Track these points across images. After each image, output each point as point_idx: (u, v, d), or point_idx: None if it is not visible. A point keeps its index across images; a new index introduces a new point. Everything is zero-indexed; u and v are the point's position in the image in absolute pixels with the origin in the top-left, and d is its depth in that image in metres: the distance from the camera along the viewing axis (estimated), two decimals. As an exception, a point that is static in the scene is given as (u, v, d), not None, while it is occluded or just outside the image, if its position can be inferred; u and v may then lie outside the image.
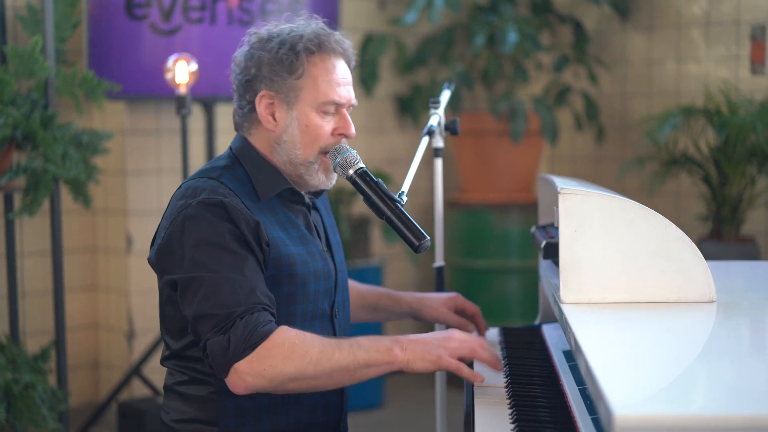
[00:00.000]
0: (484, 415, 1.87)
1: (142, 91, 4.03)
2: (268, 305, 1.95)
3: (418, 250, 2.00)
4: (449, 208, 4.99)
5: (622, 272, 1.97)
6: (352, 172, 2.05)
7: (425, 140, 2.44)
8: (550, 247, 2.25)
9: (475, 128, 4.84)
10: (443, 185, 2.65)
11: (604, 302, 1.97)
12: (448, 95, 2.64)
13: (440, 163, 2.59)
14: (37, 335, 4.06)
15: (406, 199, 2.05)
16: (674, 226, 1.98)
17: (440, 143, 2.56)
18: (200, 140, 4.35)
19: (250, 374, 1.89)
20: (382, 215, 2.03)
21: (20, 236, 3.92)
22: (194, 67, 3.69)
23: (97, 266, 4.42)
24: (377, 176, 2.80)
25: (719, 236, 4.14)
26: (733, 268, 2.64)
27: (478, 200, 4.94)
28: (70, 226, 4.21)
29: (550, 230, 2.45)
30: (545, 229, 2.50)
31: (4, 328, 3.64)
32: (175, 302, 2.04)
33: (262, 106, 2.09)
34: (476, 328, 2.46)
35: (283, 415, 2.07)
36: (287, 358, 1.89)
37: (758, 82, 4.34)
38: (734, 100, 4.17)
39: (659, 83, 4.74)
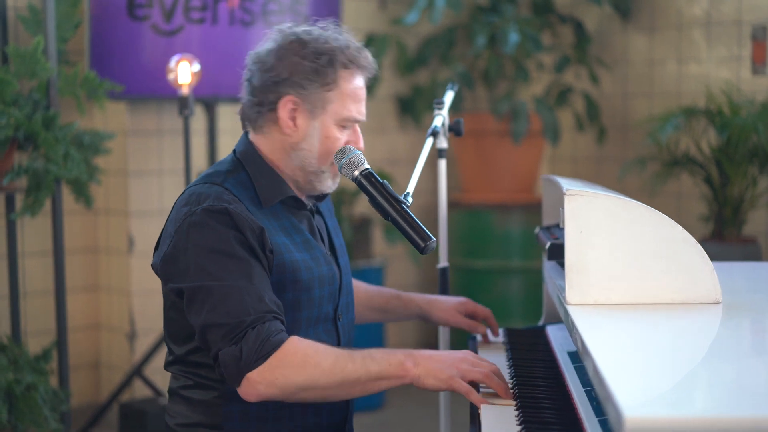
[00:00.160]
0: (489, 415, 1.86)
1: (143, 91, 4.03)
2: (277, 313, 1.94)
3: (424, 251, 2.00)
4: (450, 208, 4.98)
5: (628, 273, 1.97)
6: (357, 173, 2.05)
7: (430, 141, 2.44)
8: (554, 248, 2.25)
9: (476, 128, 4.84)
10: (439, 187, 2.64)
11: (609, 303, 1.97)
12: (451, 96, 2.64)
13: (444, 163, 2.59)
14: (38, 336, 4.05)
15: (411, 200, 2.05)
16: (680, 227, 1.98)
17: (444, 144, 2.56)
18: (201, 141, 4.34)
19: (262, 383, 1.88)
20: (387, 216, 2.02)
21: (22, 237, 3.91)
22: (197, 67, 3.69)
23: (98, 267, 4.42)
24: (379, 177, 2.78)
25: (721, 237, 4.14)
26: (735, 269, 2.63)
27: (478, 200, 4.93)
28: (71, 226, 4.20)
29: (554, 231, 2.44)
30: (549, 230, 2.50)
31: (5, 328, 3.63)
32: (179, 308, 2.03)
33: (285, 110, 2.07)
34: (489, 329, 2.46)
35: (288, 418, 2.06)
36: (300, 368, 1.88)
37: (759, 82, 4.34)
38: (736, 100, 4.17)
39: (660, 84, 4.74)
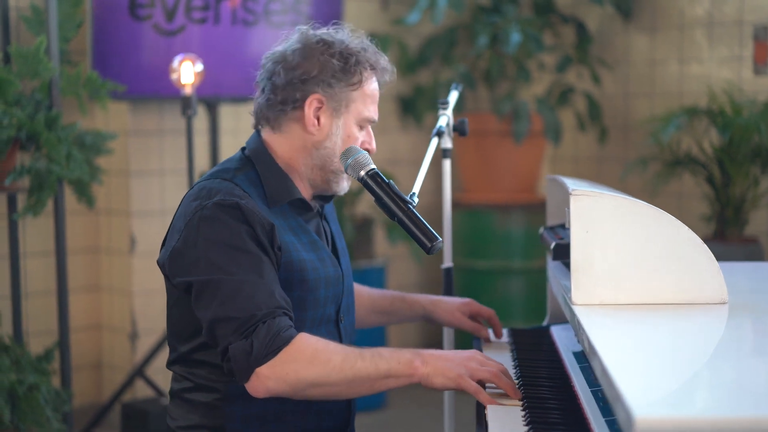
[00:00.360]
0: (496, 416, 1.86)
1: (145, 91, 4.02)
2: (287, 309, 1.94)
3: (430, 251, 1.99)
4: (451, 208, 4.97)
5: (633, 273, 1.97)
6: (363, 173, 2.05)
7: (434, 141, 2.44)
8: (559, 248, 2.25)
9: (477, 128, 4.83)
10: (443, 187, 2.64)
11: (615, 304, 1.97)
12: (456, 96, 2.64)
13: (449, 163, 2.59)
14: (40, 336, 4.05)
15: (417, 200, 2.05)
16: (686, 227, 1.98)
17: (449, 144, 2.56)
18: (203, 141, 4.34)
19: (271, 378, 1.88)
20: (393, 216, 2.02)
21: (24, 237, 3.90)
22: (200, 67, 3.68)
23: (100, 267, 4.41)
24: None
25: (722, 237, 4.14)
26: (737, 269, 2.63)
27: (480, 201, 4.93)
28: (73, 226, 4.20)
29: (558, 231, 2.44)
30: (554, 230, 2.50)
31: (7, 328, 3.63)
32: (183, 305, 2.02)
33: (311, 108, 2.08)
34: (492, 330, 2.46)
35: (290, 420, 2.06)
36: (310, 363, 1.88)
37: (761, 82, 4.34)
38: (737, 100, 4.17)
39: (662, 84, 4.74)
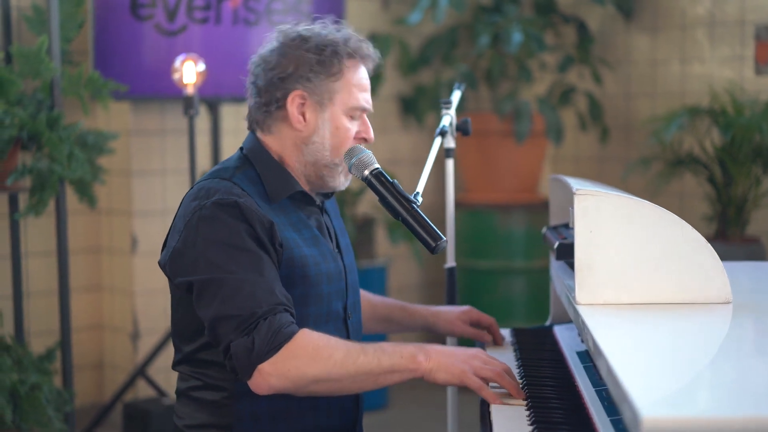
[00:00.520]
0: (500, 415, 1.86)
1: (146, 91, 4.02)
2: (288, 306, 1.94)
3: (434, 251, 1.99)
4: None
5: (637, 273, 1.96)
6: (367, 172, 2.05)
7: (438, 140, 2.44)
8: (563, 248, 2.25)
9: (478, 128, 4.80)
10: (446, 186, 2.64)
11: (619, 303, 1.97)
12: (459, 95, 2.63)
13: (452, 163, 2.59)
14: (42, 336, 4.05)
15: (421, 199, 2.05)
16: (690, 227, 1.98)
17: (452, 144, 2.55)
18: (205, 141, 4.34)
19: (274, 375, 1.88)
20: (398, 216, 2.02)
21: (25, 237, 3.90)
22: (202, 67, 3.68)
23: (101, 267, 4.41)
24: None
25: (724, 237, 4.14)
26: (739, 269, 2.63)
27: (481, 201, 4.93)
28: (74, 226, 4.19)
29: (562, 231, 2.44)
30: (557, 229, 2.50)
31: (9, 328, 3.62)
32: (186, 305, 2.02)
33: (294, 105, 2.08)
34: (493, 339, 2.45)
35: (298, 418, 2.05)
36: (312, 359, 1.88)
37: (763, 82, 4.34)
38: (739, 100, 4.17)
39: (663, 84, 4.74)
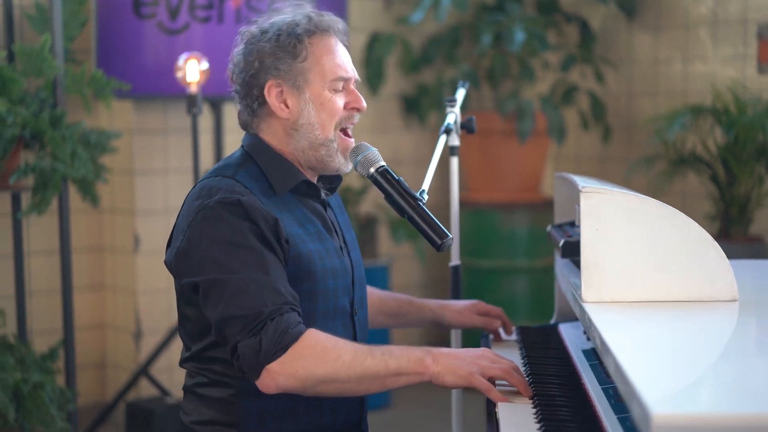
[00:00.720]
0: (507, 413, 1.85)
1: (149, 90, 4.02)
2: (294, 304, 1.93)
3: (440, 248, 1.99)
4: (456, 206, 4.98)
5: (644, 271, 1.96)
6: (373, 170, 2.04)
7: (443, 138, 2.44)
8: (568, 245, 2.25)
9: (481, 127, 4.76)
10: (451, 184, 2.64)
11: (626, 301, 1.96)
12: (463, 93, 2.63)
13: (456, 161, 2.58)
14: (44, 335, 4.04)
15: (427, 197, 2.05)
16: (696, 224, 1.97)
17: (456, 142, 2.55)
18: (208, 139, 4.33)
19: (282, 375, 1.87)
20: (403, 214, 2.02)
21: (28, 235, 3.90)
22: (205, 65, 3.68)
23: (104, 266, 4.41)
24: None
25: (727, 236, 4.13)
26: (743, 267, 2.63)
27: (484, 200, 4.93)
28: (77, 225, 4.19)
29: (567, 229, 2.44)
30: (562, 227, 2.49)
31: (12, 327, 3.62)
32: (193, 304, 2.02)
33: (272, 96, 2.08)
34: (503, 328, 2.46)
35: (304, 417, 2.05)
36: (320, 360, 1.88)
37: (765, 81, 4.33)
38: (742, 99, 4.16)
39: (666, 83, 4.73)
